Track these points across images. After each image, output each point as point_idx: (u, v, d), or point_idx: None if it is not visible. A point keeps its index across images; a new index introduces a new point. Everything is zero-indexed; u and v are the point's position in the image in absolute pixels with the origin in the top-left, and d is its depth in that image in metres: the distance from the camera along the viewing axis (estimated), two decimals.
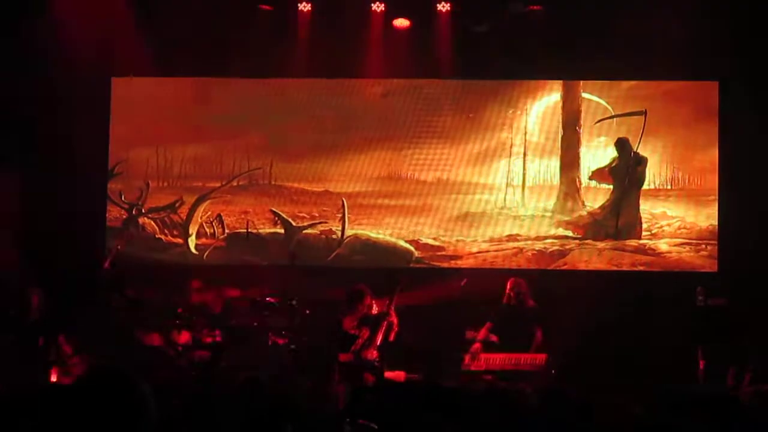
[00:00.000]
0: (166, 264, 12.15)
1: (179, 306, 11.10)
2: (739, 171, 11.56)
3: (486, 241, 12.08)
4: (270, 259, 12.12)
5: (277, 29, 11.85)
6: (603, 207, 11.99)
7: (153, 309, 11.22)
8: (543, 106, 12.16)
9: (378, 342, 10.21)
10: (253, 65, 11.98)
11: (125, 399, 3.00)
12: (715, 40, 11.25)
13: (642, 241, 11.91)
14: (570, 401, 4.68)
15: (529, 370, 10.10)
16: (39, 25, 11.43)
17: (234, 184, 12.34)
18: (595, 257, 11.97)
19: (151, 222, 12.35)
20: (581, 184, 12.05)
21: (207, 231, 12.33)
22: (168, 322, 10.91)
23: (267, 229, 12.30)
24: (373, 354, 10.18)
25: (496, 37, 11.78)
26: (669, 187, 11.95)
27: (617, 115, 12.01)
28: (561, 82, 12.14)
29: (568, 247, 12.00)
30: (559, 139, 12.11)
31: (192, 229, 12.29)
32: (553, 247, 12.02)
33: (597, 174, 12.03)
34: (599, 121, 12.04)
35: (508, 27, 11.75)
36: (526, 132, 12.12)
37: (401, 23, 12.03)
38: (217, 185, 12.34)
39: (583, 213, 12.03)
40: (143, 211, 12.34)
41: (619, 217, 11.90)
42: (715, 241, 11.79)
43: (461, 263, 12.07)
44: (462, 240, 12.10)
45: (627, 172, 11.91)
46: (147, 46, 11.65)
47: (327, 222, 12.26)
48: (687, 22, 11.06)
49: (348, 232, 12.21)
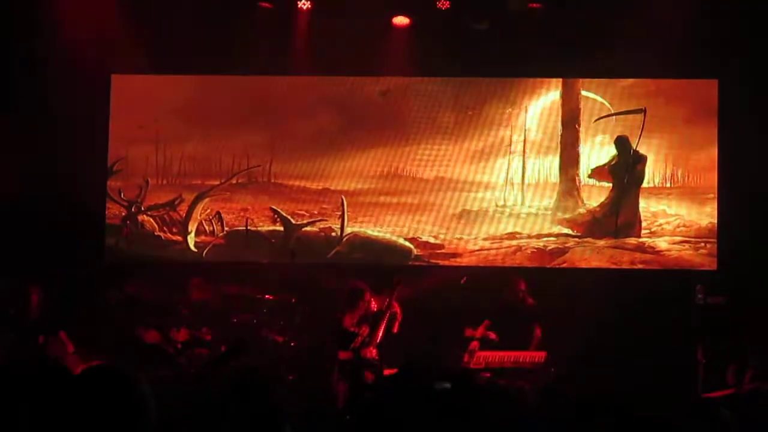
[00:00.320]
0: (165, 261, 12.15)
1: (178, 303, 11.10)
2: (738, 169, 11.56)
3: (485, 239, 12.08)
4: (269, 257, 12.12)
5: (277, 27, 11.84)
6: (602, 205, 11.99)
7: (152, 306, 11.23)
8: (542, 104, 12.16)
9: (378, 340, 10.21)
10: (253, 63, 11.97)
11: (124, 397, 3.00)
12: (715, 38, 11.25)
13: (641, 239, 11.91)
14: (570, 399, 4.68)
15: (528, 368, 10.10)
16: (39, 23, 11.43)
17: (233, 181, 12.34)
18: (595, 255, 11.97)
19: (151, 219, 12.35)
20: (581, 182, 12.05)
21: (206, 228, 12.33)
22: (167, 319, 10.92)
23: (266, 227, 12.30)
24: (373, 352, 10.19)
25: (495, 35, 11.77)
26: (668, 185, 11.95)
27: (616, 113, 12.00)
28: (560, 80, 12.14)
29: (567, 245, 12.00)
30: (559, 137, 12.12)
31: (191, 227, 12.29)
32: (553, 245, 12.02)
33: (596, 172, 12.03)
34: (598, 119, 12.04)
35: (507, 25, 11.75)
36: (525, 130, 12.12)
37: (401, 21, 12.03)
38: (217, 183, 12.33)
39: (583, 211, 12.03)
40: (142, 209, 12.34)
41: (619, 215, 11.90)
42: (715, 239, 11.79)
43: (461, 261, 12.07)
44: (461, 238, 12.10)
45: (626, 170, 11.91)
46: (147, 43, 11.64)
47: (326, 220, 12.26)
48: (686, 20, 11.06)
49: (347, 229, 12.21)
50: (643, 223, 11.91)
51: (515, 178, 12.11)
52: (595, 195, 12.03)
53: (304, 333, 10.84)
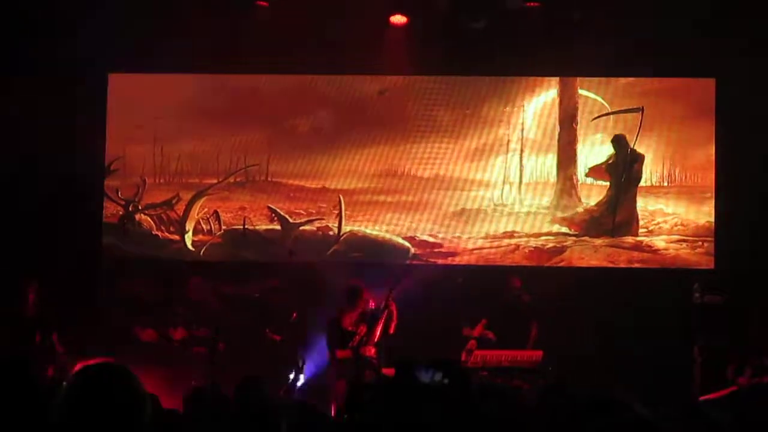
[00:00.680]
0: (162, 260, 12.15)
1: (175, 302, 11.11)
2: (736, 168, 11.56)
3: (483, 238, 12.08)
4: (267, 256, 12.12)
5: (274, 25, 11.83)
6: (600, 204, 11.99)
7: (149, 305, 11.24)
8: (540, 102, 12.16)
9: (376, 338, 10.21)
10: (250, 62, 11.96)
11: (121, 395, 3.00)
12: (712, 37, 11.25)
13: (638, 238, 11.92)
14: (569, 398, 4.68)
15: (526, 367, 10.10)
16: (37, 21, 11.42)
17: (231, 180, 12.33)
18: (592, 254, 11.98)
19: (148, 218, 12.34)
20: (578, 180, 12.05)
21: (204, 227, 12.33)
22: (164, 318, 10.93)
23: (264, 226, 12.29)
24: (371, 351, 10.19)
25: (493, 34, 11.77)
26: (666, 184, 11.95)
27: (614, 112, 12.01)
28: (558, 78, 12.15)
29: (564, 244, 12.01)
30: (556, 136, 12.12)
31: (189, 226, 12.28)
32: (550, 244, 12.02)
33: (594, 171, 12.03)
34: (596, 118, 12.04)
35: (505, 23, 11.74)
36: (523, 128, 12.12)
37: (398, 20, 12.02)
38: (214, 182, 12.33)
39: (580, 210, 12.03)
40: (140, 208, 12.33)
41: (616, 214, 11.90)
42: (712, 238, 11.80)
43: (458, 260, 12.07)
44: (459, 236, 12.10)
45: (624, 169, 11.92)
46: (144, 42, 11.62)
47: (324, 218, 12.25)
48: (683, 19, 11.07)
49: (345, 228, 12.20)
50: (641, 222, 11.92)
51: (513, 176, 12.11)
52: (593, 194, 12.03)
53: (302, 332, 10.83)
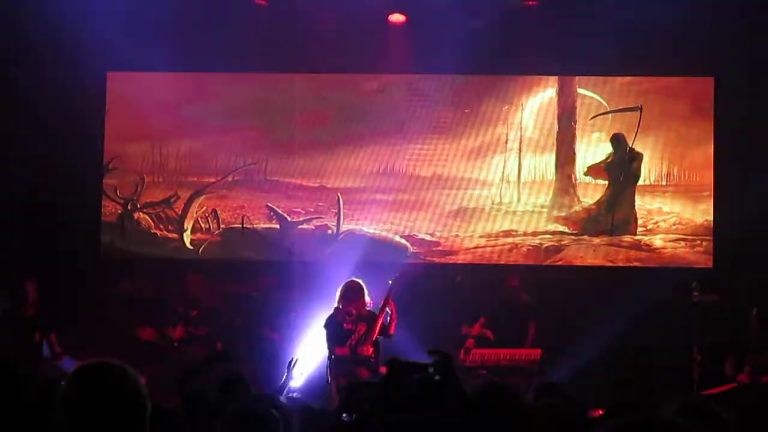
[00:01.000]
0: (161, 259, 12.15)
1: (175, 301, 11.11)
2: (734, 167, 11.57)
3: (481, 237, 12.08)
4: (265, 255, 12.11)
5: (272, 24, 11.83)
6: (598, 203, 11.99)
7: (148, 304, 11.24)
8: (538, 101, 12.16)
9: (374, 337, 10.21)
10: (248, 60, 11.96)
11: (120, 394, 3.00)
12: (711, 36, 11.26)
13: (637, 237, 11.92)
14: (566, 397, 4.69)
15: (524, 365, 10.11)
16: (35, 19, 11.41)
17: (229, 179, 12.33)
18: (591, 253, 11.97)
19: (147, 217, 12.34)
20: (576, 179, 12.05)
21: (202, 226, 12.32)
22: (163, 316, 10.93)
23: (262, 225, 12.29)
24: (369, 350, 10.17)
25: (492, 33, 11.76)
26: (664, 183, 11.95)
27: (612, 111, 12.01)
28: (556, 77, 12.14)
29: (563, 243, 12.01)
30: (555, 135, 12.12)
31: (187, 224, 12.28)
32: (548, 243, 12.02)
33: (592, 169, 12.03)
34: (594, 117, 12.04)
35: (504, 22, 11.74)
36: (521, 127, 12.12)
37: (397, 18, 12.02)
38: (213, 180, 12.33)
39: (579, 209, 12.03)
40: (138, 206, 12.33)
41: (615, 213, 11.90)
42: (710, 237, 11.80)
43: (456, 258, 12.07)
44: (457, 235, 12.10)
45: (622, 167, 11.92)
46: (142, 40, 11.61)
47: (322, 217, 12.25)
48: (682, 17, 11.07)
49: (343, 227, 12.20)
50: (639, 221, 11.92)
51: (511, 175, 12.11)
52: (591, 192, 12.03)
53: (300, 330, 10.84)
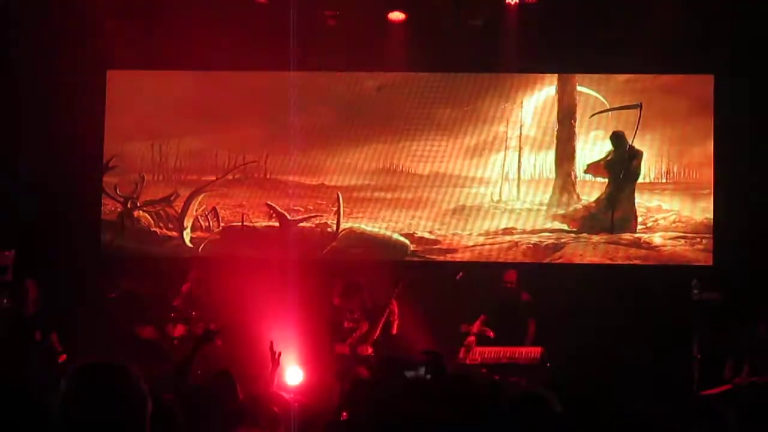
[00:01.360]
0: (161, 257, 12.15)
1: (174, 299, 11.11)
2: (735, 165, 11.57)
3: (481, 235, 12.08)
4: (265, 253, 12.11)
5: (272, 22, 11.82)
6: (598, 200, 11.99)
7: (148, 302, 11.23)
8: (538, 99, 12.16)
9: (375, 337, 10.22)
10: (248, 59, 11.95)
11: (121, 393, 3.00)
12: (711, 33, 11.25)
13: (637, 235, 11.92)
14: (568, 395, 4.69)
15: (525, 363, 10.11)
16: (35, 17, 11.41)
17: (229, 177, 12.33)
18: (590, 251, 11.98)
19: (147, 215, 12.34)
20: (576, 177, 12.05)
21: (202, 224, 12.33)
22: (163, 315, 10.92)
23: (262, 223, 12.30)
24: (368, 350, 10.18)
25: (491, 31, 11.76)
26: (664, 181, 11.95)
27: (612, 109, 12.00)
28: (556, 75, 12.14)
29: (563, 241, 12.01)
30: (555, 133, 12.12)
31: (187, 223, 12.29)
32: (548, 241, 12.03)
33: (592, 167, 12.03)
34: (594, 115, 12.04)
35: (503, 20, 11.73)
36: (521, 125, 12.12)
37: (397, 16, 12.02)
38: (213, 178, 12.33)
39: (579, 206, 12.03)
40: (138, 205, 12.33)
41: (615, 211, 11.90)
42: (710, 235, 11.80)
43: (457, 257, 12.07)
44: (457, 233, 12.10)
45: (622, 165, 11.91)
46: (142, 39, 11.61)
47: (322, 215, 12.25)
48: (682, 15, 11.07)
49: (343, 225, 12.20)
50: (639, 219, 11.92)
51: (511, 173, 12.11)
52: (591, 190, 12.03)
53: (299, 328, 10.84)
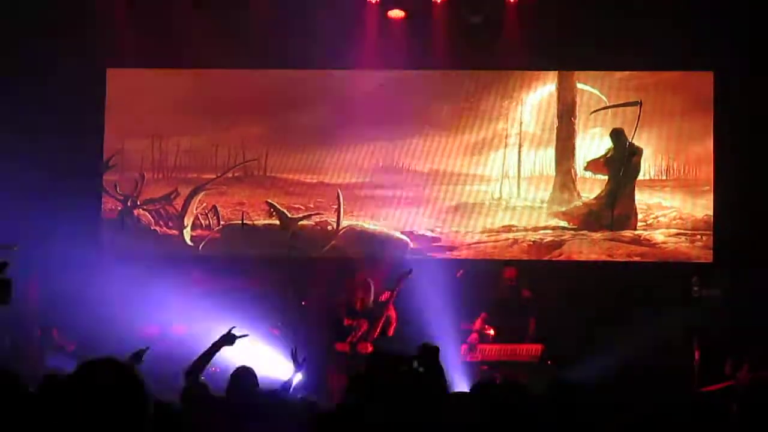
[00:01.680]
0: (161, 255, 12.14)
1: (175, 297, 11.11)
2: (734, 161, 11.57)
3: (481, 232, 12.08)
4: (266, 251, 12.11)
5: (272, 20, 11.82)
6: (598, 197, 11.99)
7: (149, 300, 11.23)
8: (538, 96, 12.16)
9: (375, 335, 10.22)
10: (248, 56, 11.95)
11: (123, 391, 3.00)
12: (710, 30, 11.25)
13: (637, 232, 11.92)
14: (573, 391, 4.69)
15: (525, 361, 10.11)
16: (35, 16, 11.41)
17: (229, 175, 12.33)
18: (591, 248, 11.98)
19: (147, 213, 12.34)
20: (577, 174, 12.05)
21: (202, 222, 12.33)
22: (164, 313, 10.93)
23: (262, 221, 12.30)
24: (368, 348, 10.18)
25: (491, 28, 11.76)
26: (664, 178, 11.95)
27: (612, 106, 12.00)
28: (556, 72, 12.14)
29: (563, 238, 12.01)
30: (555, 130, 12.12)
31: (187, 221, 12.29)
32: (549, 238, 12.03)
33: (592, 164, 12.03)
34: (594, 112, 12.04)
35: (503, 17, 11.73)
36: (521, 123, 12.12)
37: (396, 14, 12.02)
38: (213, 177, 12.33)
39: (579, 204, 12.03)
40: (138, 203, 12.33)
41: (615, 208, 11.90)
42: (711, 232, 11.80)
43: (457, 254, 12.07)
44: (457, 231, 12.10)
45: (622, 162, 11.92)
46: (142, 36, 11.61)
47: (322, 213, 12.25)
48: (682, 12, 11.07)
49: (343, 223, 12.20)
50: (639, 216, 11.92)
51: (511, 170, 12.11)
52: (591, 187, 12.03)
53: (300, 326, 10.84)
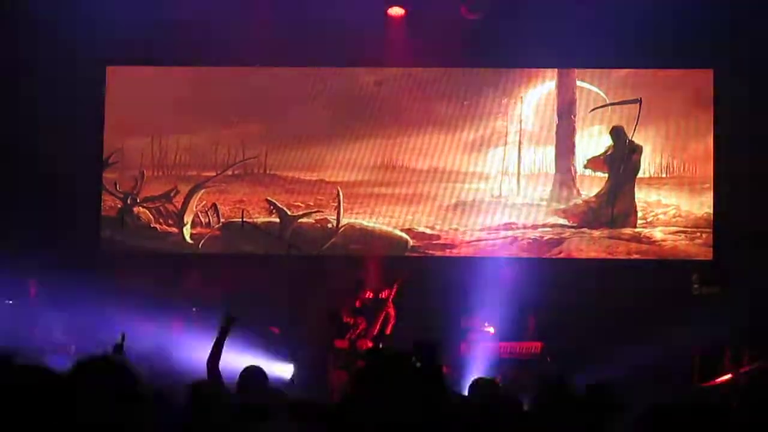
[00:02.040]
0: (161, 253, 12.15)
1: (175, 295, 11.12)
2: (734, 159, 11.57)
3: (481, 230, 12.08)
4: (265, 249, 12.12)
5: (271, 18, 11.81)
6: (598, 195, 11.99)
7: (148, 298, 11.23)
8: (538, 94, 12.16)
9: (374, 332, 10.22)
10: (247, 54, 11.94)
11: (122, 389, 3.00)
12: (710, 28, 11.24)
13: (637, 230, 11.92)
14: (570, 388, 4.69)
15: (525, 358, 10.12)
16: (35, 14, 11.41)
17: (229, 173, 12.33)
18: (591, 245, 11.98)
19: (146, 211, 12.34)
20: (576, 172, 12.05)
21: (202, 220, 12.33)
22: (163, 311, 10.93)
23: (262, 219, 12.30)
24: (368, 345, 10.19)
25: (490, 26, 11.75)
26: (664, 176, 11.95)
27: (612, 104, 12.00)
28: (556, 70, 12.14)
29: (563, 236, 12.01)
30: (554, 128, 12.11)
31: (187, 219, 12.29)
32: (548, 236, 12.03)
33: (592, 162, 12.03)
34: (594, 110, 12.04)
35: (502, 15, 11.72)
36: (521, 120, 12.11)
37: (396, 11, 12.01)
38: (212, 174, 12.33)
39: (579, 201, 12.03)
40: (138, 201, 12.33)
41: (615, 206, 11.91)
42: (710, 229, 11.80)
43: (456, 252, 12.07)
44: (457, 229, 12.10)
45: (622, 160, 11.92)
46: (142, 35, 11.60)
47: (322, 211, 12.25)
48: (681, 9, 11.06)
49: (343, 220, 12.20)
50: (639, 213, 11.92)
51: (511, 168, 12.11)
52: (591, 185, 12.03)
53: (299, 324, 10.86)
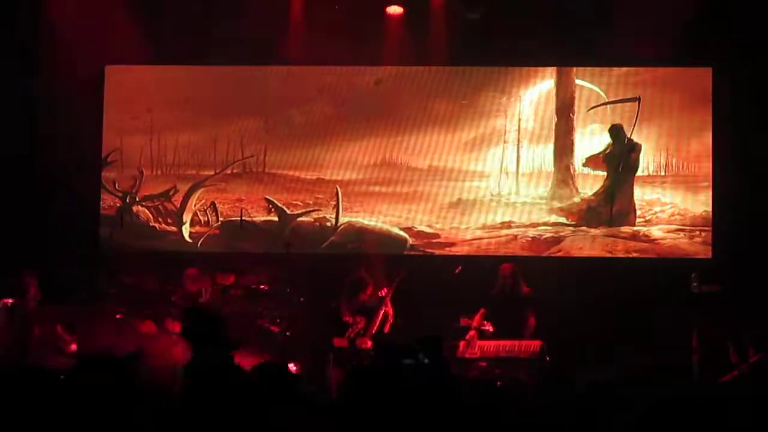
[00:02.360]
0: (160, 252, 12.15)
1: (174, 294, 11.10)
2: (733, 157, 11.57)
3: (480, 228, 12.08)
4: (264, 247, 12.12)
5: (271, 16, 11.81)
6: (597, 194, 11.99)
7: (147, 297, 11.24)
8: (537, 92, 12.16)
9: (373, 331, 10.23)
10: (247, 53, 11.95)
11: (121, 387, 3.00)
12: (709, 26, 11.25)
13: (636, 228, 11.92)
14: (571, 386, 4.70)
15: (524, 357, 10.10)
16: (33, 13, 11.40)
17: (228, 171, 12.33)
18: (590, 244, 11.98)
19: (145, 210, 12.34)
20: (575, 170, 12.05)
21: (201, 219, 12.33)
22: (163, 310, 10.92)
23: (261, 217, 12.30)
24: (368, 343, 10.19)
25: (489, 24, 11.76)
26: (663, 174, 11.95)
27: (611, 102, 12.00)
28: (554, 68, 12.13)
29: (562, 234, 12.01)
30: (553, 126, 12.11)
31: (186, 217, 12.29)
32: (547, 234, 12.03)
33: (591, 161, 12.03)
34: (593, 108, 12.04)
35: (501, 13, 11.73)
36: (520, 119, 12.12)
37: (395, 10, 12.01)
38: (211, 173, 12.33)
39: (577, 200, 12.03)
40: (137, 200, 12.33)
41: (614, 204, 11.91)
42: (709, 228, 11.80)
43: (456, 250, 12.07)
44: (456, 227, 12.11)
45: (621, 158, 11.92)
46: (140, 33, 11.60)
47: (321, 210, 12.25)
48: (681, 7, 11.06)
49: (342, 219, 12.21)
50: (638, 212, 11.92)
51: (509, 167, 12.11)
52: (590, 184, 12.03)
53: (299, 322, 10.84)
